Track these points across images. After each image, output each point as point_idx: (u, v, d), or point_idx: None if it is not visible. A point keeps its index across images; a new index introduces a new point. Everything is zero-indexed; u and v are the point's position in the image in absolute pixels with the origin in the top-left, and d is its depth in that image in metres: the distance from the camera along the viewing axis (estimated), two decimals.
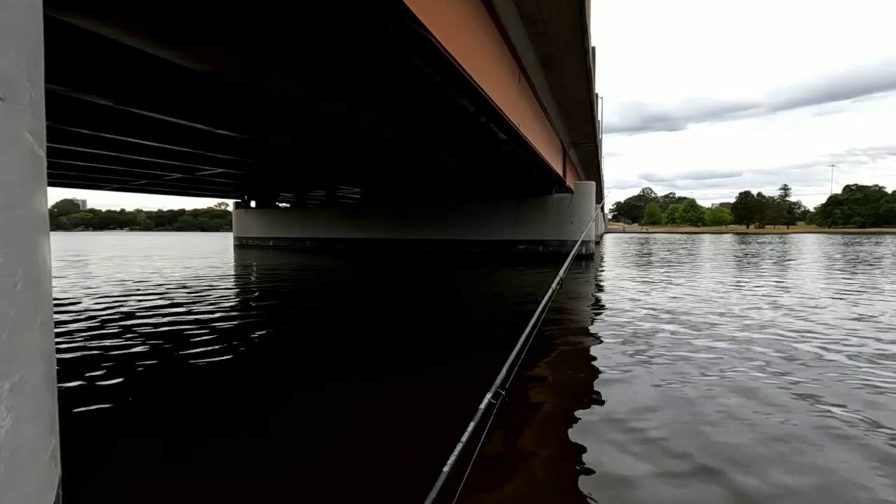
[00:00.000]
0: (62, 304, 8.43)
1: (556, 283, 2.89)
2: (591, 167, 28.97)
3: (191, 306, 8.29)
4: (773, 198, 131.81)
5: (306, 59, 6.51)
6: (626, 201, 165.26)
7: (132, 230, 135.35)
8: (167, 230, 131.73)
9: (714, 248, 32.47)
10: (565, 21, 8.21)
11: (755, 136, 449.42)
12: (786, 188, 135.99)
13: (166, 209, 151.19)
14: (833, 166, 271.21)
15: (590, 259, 20.37)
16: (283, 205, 35.50)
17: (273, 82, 6.63)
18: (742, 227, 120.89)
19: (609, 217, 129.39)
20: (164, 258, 21.97)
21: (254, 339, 6.11)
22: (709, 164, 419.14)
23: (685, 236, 68.52)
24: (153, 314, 7.57)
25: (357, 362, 5.07)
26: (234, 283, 12.53)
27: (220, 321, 7.09)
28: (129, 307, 8.23)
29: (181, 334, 6.12)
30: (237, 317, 7.62)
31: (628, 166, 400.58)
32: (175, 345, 5.59)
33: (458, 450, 1.41)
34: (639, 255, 25.36)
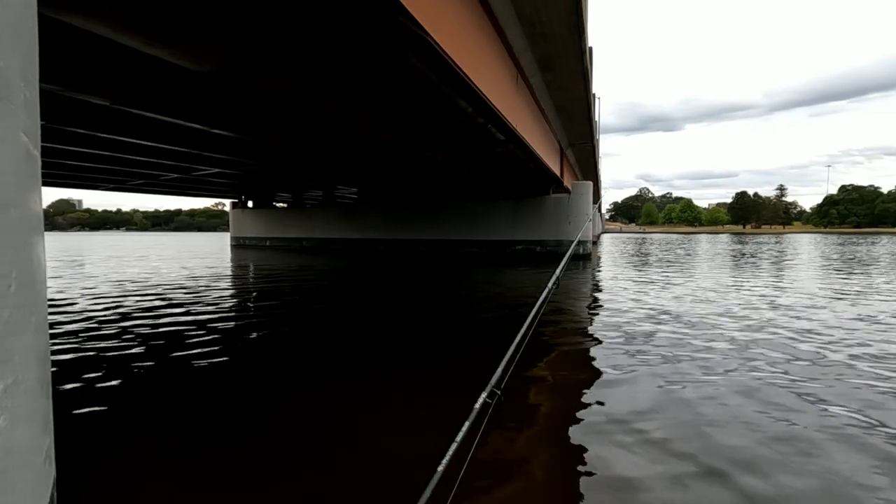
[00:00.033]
0: (59, 305, 8.40)
1: (552, 283, 2.89)
2: (589, 167, 29.03)
3: (189, 307, 8.26)
4: (769, 198, 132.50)
5: (304, 58, 6.51)
6: (624, 201, 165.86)
7: (128, 230, 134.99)
8: (164, 230, 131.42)
9: (711, 248, 32.57)
10: (563, 22, 8.23)
11: (752, 136, 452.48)
12: (782, 188, 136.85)
13: (163, 209, 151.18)
14: (829, 166, 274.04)
15: (587, 259, 20.40)
16: (280, 205, 35.46)
17: (271, 82, 6.62)
18: (738, 228, 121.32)
19: (606, 217, 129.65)
20: (162, 258, 21.89)
21: (253, 339, 6.10)
22: (706, 165, 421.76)
23: (682, 236, 68.70)
24: (152, 315, 7.55)
25: (357, 362, 5.06)
26: (231, 283, 12.50)
27: (219, 321, 7.07)
28: (127, 308, 8.20)
29: (180, 335, 6.10)
30: (236, 317, 7.60)
31: (626, 166, 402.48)
32: (174, 345, 5.57)
33: (452, 449, 1.40)
34: (636, 255, 25.41)
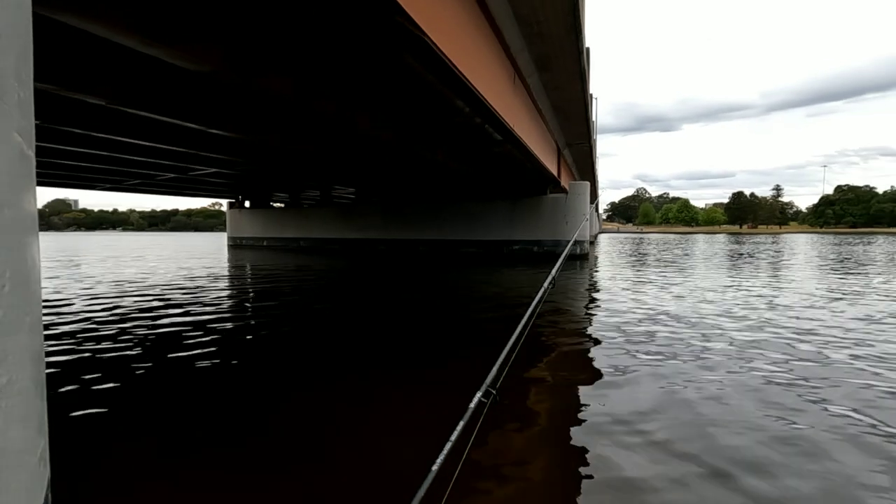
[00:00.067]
0: (56, 306, 8.36)
1: (548, 283, 2.90)
2: (586, 167, 29.06)
3: (188, 307, 8.24)
4: (765, 198, 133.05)
5: (303, 58, 6.50)
6: (621, 201, 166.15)
7: (125, 230, 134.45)
8: (160, 230, 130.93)
9: (708, 248, 32.66)
10: (560, 23, 8.24)
11: (749, 136, 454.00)
12: (778, 188, 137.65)
13: (160, 209, 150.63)
14: (825, 167, 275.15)
15: (584, 259, 20.43)
16: (277, 205, 35.40)
17: (271, 82, 6.61)
18: (735, 228, 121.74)
19: (604, 217, 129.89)
20: (159, 258, 21.82)
21: (252, 339, 6.09)
22: (703, 165, 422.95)
23: (679, 236, 68.86)
24: (150, 315, 7.52)
25: (357, 362, 5.06)
26: (229, 283, 12.47)
27: (217, 322, 7.05)
28: (125, 308, 8.17)
29: (179, 335, 6.08)
30: (235, 318, 7.58)
31: (623, 167, 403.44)
32: (174, 346, 5.55)
33: (446, 449, 1.40)
34: (634, 254, 25.47)
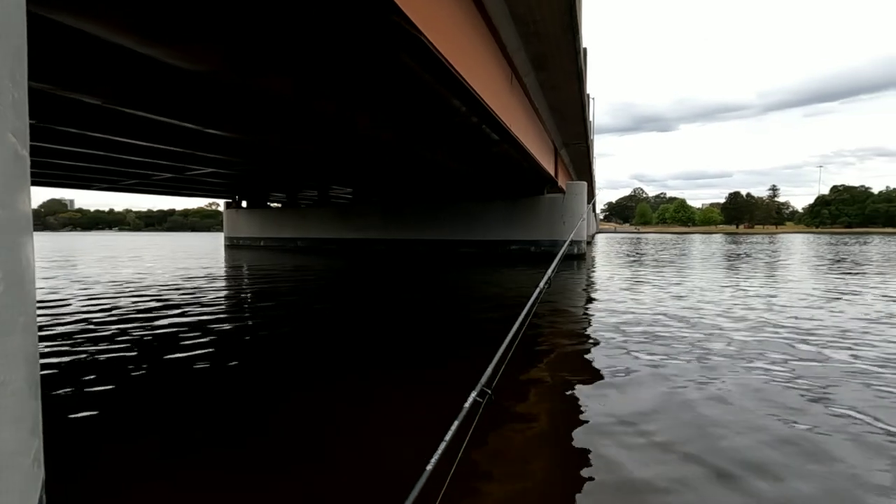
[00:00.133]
0: (52, 307, 8.32)
1: (544, 283, 2.90)
2: (583, 167, 29.10)
3: (186, 308, 8.21)
4: (762, 198, 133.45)
5: (303, 58, 6.48)
6: (618, 201, 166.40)
7: (121, 230, 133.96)
8: (157, 230, 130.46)
9: (706, 248, 32.75)
10: (557, 22, 8.24)
11: (746, 136, 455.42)
12: (775, 188, 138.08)
13: (156, 209, 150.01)
14: (821, 167, 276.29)
15: (582, 259, 20.44)
16: (274, 205, 35.34)
17: (271, 82, 6.59)
18: (732, 228, 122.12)
19: (601, 217, 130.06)
20: (156, 258, 21.74)
21: (251, 340, 6.07)
22: (700, 165, 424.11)
23: (676, 236, 69.02)
24: (148, 316, 7.50)
25: (357, 362, 5.05)
26: (227, 284, 12.43)
27: (216, 323, 7.03)
28: (123, 309, 8.14)
29: (177, 336, 6.06)
30: (233, 318, 7.56)
31: (620, 167, 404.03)
32: (172, 347, 5.53)
33: (441, 448, 1.40)
34: (631, 254, 25.52)
